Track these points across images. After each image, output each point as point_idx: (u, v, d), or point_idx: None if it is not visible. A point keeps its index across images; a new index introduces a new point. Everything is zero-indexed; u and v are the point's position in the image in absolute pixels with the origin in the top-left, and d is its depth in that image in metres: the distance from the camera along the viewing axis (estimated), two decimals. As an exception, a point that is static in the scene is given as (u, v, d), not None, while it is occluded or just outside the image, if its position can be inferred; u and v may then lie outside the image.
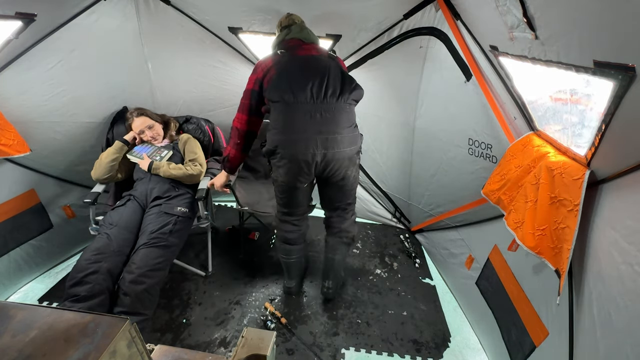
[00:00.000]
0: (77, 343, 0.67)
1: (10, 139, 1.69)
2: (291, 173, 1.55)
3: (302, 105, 1.45)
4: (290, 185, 1.62)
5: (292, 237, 1.82)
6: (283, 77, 1.48)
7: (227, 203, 2.99)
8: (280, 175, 1.58)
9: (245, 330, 1.20)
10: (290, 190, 1.66)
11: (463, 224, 2.12)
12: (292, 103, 1.45)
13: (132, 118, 2.00)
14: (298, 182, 1.60)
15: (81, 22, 1.77)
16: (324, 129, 1.46)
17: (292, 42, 1.62)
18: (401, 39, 2.03)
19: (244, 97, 1.61)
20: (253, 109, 1.59)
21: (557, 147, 1.30)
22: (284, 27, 1.69)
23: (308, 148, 1.46)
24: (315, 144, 1.46)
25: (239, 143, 1.71)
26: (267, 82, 1.51)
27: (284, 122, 1.48)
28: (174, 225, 1.72)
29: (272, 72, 1.51)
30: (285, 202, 1.74)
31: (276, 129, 1.51)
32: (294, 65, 1.53)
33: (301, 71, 1.51)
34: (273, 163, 1.59)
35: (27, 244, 1.95)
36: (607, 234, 1.00)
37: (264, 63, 1.57)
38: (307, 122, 1.45)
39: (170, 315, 1.85)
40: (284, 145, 1.50)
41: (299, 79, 1.47)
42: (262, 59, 1.61)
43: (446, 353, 1.80)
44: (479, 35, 1.64)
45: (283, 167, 1.55)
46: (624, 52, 0.82)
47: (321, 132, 1.46)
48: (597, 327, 0.98)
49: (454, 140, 1.99)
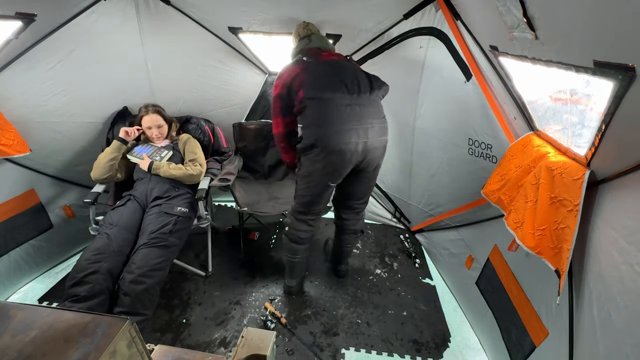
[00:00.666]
0: (77, 343, 0.67)
1: (10, 139, 1.69)
2: (330, 166, 1.56)
3: (340, 99, 1.53)
4: (324, 180, 1.62)
5: (304, 236, 1.83)
6: (317, 77, 1.58)
7: (227, 203, 2.99)
8: (317, 169, 1.59)
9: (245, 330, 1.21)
10: (319, 187, 1.66)
11: (463, 224, 2.12)
12: (330, 99, 1.53)
13: (146, 112, 2.00)
14: (334, 176, 1.62)
15: (81, 22, 1.77)
16: (362, 120, 1.55)
17: (312, 50, 1.72)
18: (401, 39, 2.03)
19: (274, 103, 1.67)
20: (284, 110, 1.65)
21: (557, 147, 1.30)
22: (303, 37, 1.78)
23: (351, 137, 1.52)
24: (357, 133, 1.52)
25: (284, 146, 1.77)
26: (298, 85, 1.57)
27: (323, 116, 1.52)
28: (174, 225, 1.72)
29: (303, 75, 1.58)
30: (309, 201, 1.73)
31: (315, 124, 1.54)
32: (323, 68, 1.63)
33: (332, 71, 1.61)
34: (308, 158, 1.59)
35: (27, 244, 1.95)
36: (607, 234, 1.00)
37: (290, 69, 1.64)
38: (347, 114, 1.53)
39: (170, 315, 1.85)
40: (325, 137, 1.51)
41: (333, 78, 1.58)
42: (286, 67, 1.68)
43: (446, 353, 1.80)
44: (479, 35, 1.64)
45: (321, 160, 1.56)
46: (624, 52, 0.82)
47: (360, 123, 1.54)
48: (597, 327, 0.98)
49: (454, 140, 1.99)
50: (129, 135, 1.94)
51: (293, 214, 1.83)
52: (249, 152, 2.51)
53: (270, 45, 2.17)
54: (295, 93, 1.58)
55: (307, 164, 1.62)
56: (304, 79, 1.57)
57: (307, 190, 1.70)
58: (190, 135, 2.18)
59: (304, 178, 1.68)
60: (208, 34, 2.10)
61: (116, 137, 1.92)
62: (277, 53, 2.26)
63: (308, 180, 1.66)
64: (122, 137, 1.92)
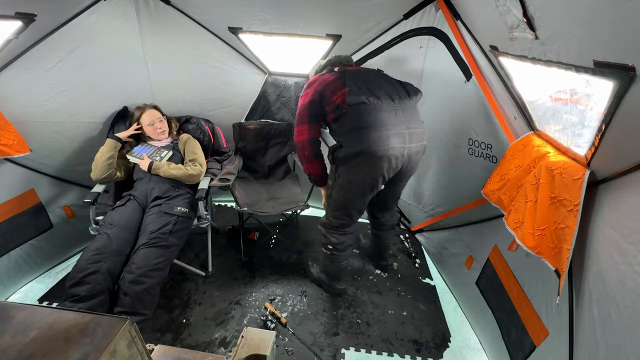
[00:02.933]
0: (77, 343, 0.67)
1: (10, 139, 1.69)
2: (377, 170, 1.53)
3: (386, 105, 1.53)
4: (367, 188, 1.60)
5: (349, 243, 1.84)
6: (358, 84, 1.54)
7: (227, 203, 2.99)
8: (360, 177, 1.56)
9: (245, 330, 1.21)
10: (360, 196, 1.63)
11: (463, 224, 2.12)
12: (376, 104, 1.51)
13: (144, 110, 2.01)
14: (379, 183, 1.59)
15: (81, 22, 1.77)
16: (407, 125, 1.55)
17: (338, 65, 1.74)
18: (401, 39, 2.03)
19: (303, 110, 1.63)
20: (313, 117, 1.62)
21: (557, 147, 1.30)
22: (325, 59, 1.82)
23: (398, 142, 1.51)
24: (403, 138, 1.53)
25: (308, 154, 1.69)
26: (331, 92, 1.55)
27: (371, 121, 1.49)
28: (174, 225, 1.72)
29: (338, 82, 1.56)
30: (349, 212, 1.71)
31: (359, 129, 1.49)
32: (361, 76, 1.60)
33: (371, 79, 1.61)
34: (350, 167, 1.55)
35: (27, 244, 1.95)
36: (607, 234, 1.00)
37: (322, 77, 1.62)
38: (394, 118, 1.52)
39: (170, 315, 1.85)
40: (373, 142, 1.47)
41: (374, 84, 1.57)
42: (316, 76, 1.67)
43: (446, 353, 1.80)
44: (479, 35, 1.64)
45: (366, 167, 1.52)
46: (624, 52, 0.82)
47: (407, 127, 1.55)
48: (597, 327, 0.98)
49: (454, 140, 1.99)
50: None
51: (327, 227, 1.80)
52: (249, 152, 2.51)
53: (270, 45, 2.17)
54: (328, 100, 1.55)
55: (348, 173, 1.57)
56: (340, 86, 1.54)
57: (350, 196, 1.65)
58: (190, 135, 2.18)
59: (342, 189, 1.63)
60: (208, 34, 2.10)
61: (111, 136, 1.92)
62: (277, 53, 2.26)
63: (347, 190, 1.62)
64: (116, 136, 1.93)
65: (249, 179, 2.52)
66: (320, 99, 1.58)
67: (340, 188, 1.64)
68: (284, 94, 2.40)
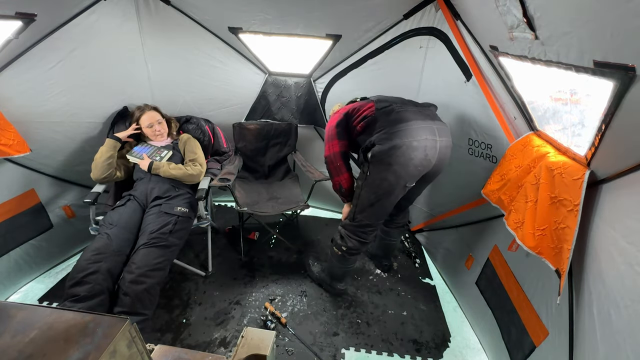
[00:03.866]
0: (77, 343, 0.67)
1: (10, 139, 1.69)
2: (411, 165, 1.53)
3: (411, 107, 1.63)
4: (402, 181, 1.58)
5: (364, 248, 1.83)
6: (381, 98, 1.69)
7: (227, 203, 2.99)
8: (397, 167, 1.54)
9: (245, 330, 1.21)
10: (391, 192, 1.61)
11: (463, 224, 2.12)
12: (402, 106, 1.61)
13: (144, 111, 2.01)
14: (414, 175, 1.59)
15: (81, 22, 1.77)
16: (433, 121, 1.60)
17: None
18: (401, 39, 2.03)
19: (332, 129, 1.74)
20: (341, 134, 1.74)
21: (557, 147, 1.30)
22: None
23: (430, 134, 1.54)
24: (433, 131, 1.55)
25: (339, 165, 1.76)
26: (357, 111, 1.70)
27: (401, 118, 1.55)
28: (174, 225, 1.72)
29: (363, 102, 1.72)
30: (376, 211, 1.69)
31: (392, 125, 1.54)
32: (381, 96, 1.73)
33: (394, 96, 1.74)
34: (386, 162, 1.54)
35: (27, 244, 1.95)
36: (607, 234, 1.00)
37: (347, 106, 1.79)
38: (420, 116, 1.58)
39: (170, 315, 1.85)
40: (408, 133, 1.50)
41: (397, 98, 1.71)
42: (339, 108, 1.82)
43: (446, 353, 1.80)
44: (479, 35, 1.64)
45: (401, 158, 1.51)
46: (624, 52, 0.82)
47: (434, 123, 1.59)
48: (597, 327, 0.98)
49: (454, 140, 1.98)
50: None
51: (351, 229, 1.78)
52: (249, 152, 2.51)
53: (270, 45, 2.17)
54: (355, 117, 1.70)
55: (381, 169, 1.57)
56: (365, 103, 1.69)
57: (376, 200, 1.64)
58: (190, 135, 2.18)
59: (373, 186, 1.62)
60: (208, 34, 2.10)
61: (111, 136, 1.92)
62: (277, 53, 2.26)
63: (378, 187, 1.60)
64: (116, 136, 1.93)
65: (249, 179, 2.52)
66: (347, 118, 1.73)
67: (370, 187, 1.63)
68: (284, 94, 2.40)
